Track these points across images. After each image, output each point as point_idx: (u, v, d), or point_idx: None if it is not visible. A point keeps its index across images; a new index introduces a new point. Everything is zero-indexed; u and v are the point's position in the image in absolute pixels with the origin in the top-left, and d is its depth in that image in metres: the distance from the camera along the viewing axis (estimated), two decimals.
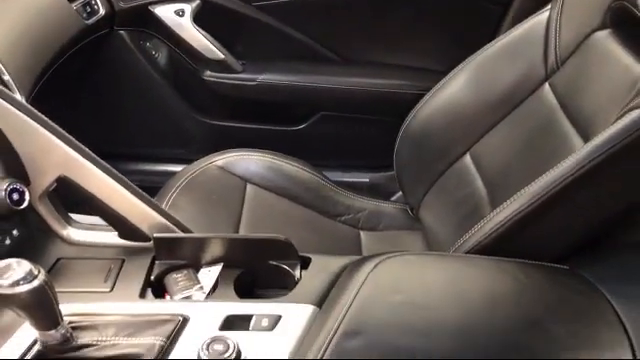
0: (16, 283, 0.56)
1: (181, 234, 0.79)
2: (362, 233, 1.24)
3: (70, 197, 0.79)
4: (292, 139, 1.43)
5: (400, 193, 1.35)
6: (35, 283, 0.57)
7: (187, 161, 1.25)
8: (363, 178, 1.46)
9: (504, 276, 0.73)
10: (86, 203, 0.76)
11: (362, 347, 0.62)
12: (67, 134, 0.74)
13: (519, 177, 0.89)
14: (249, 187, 1.22)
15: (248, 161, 1.23)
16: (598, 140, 0.76)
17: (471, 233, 0.83)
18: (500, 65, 1.10)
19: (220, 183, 1.21)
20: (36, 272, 0.57)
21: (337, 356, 0.61)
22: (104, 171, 0.75)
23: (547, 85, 1.03)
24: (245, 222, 1.14)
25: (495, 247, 0.81)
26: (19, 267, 0.57)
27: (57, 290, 0.59)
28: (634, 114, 0.75)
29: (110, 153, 0.78)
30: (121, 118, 1.43)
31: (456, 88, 1.16)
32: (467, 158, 1.14)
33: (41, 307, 0.58)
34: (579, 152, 0.76)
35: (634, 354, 0.64)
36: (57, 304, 0.59)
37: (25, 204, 0.71)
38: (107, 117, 1.40)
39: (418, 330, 0.65)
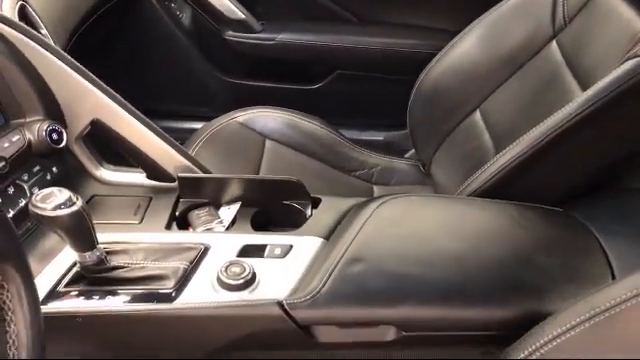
0: (58, 207, 0.64)
1: (203, 174, 0.86)
2: (375, 187, 1.29)
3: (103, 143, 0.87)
4: (309, 97, 1.48)
5: (413, 151, 1.39)
6: (74, 208, 0.64)
7: (209, 119, 1.31)
8: (378, 136, 1.51)
9: (501, 215, 0.79)
10: (117, 145, 0.84)
11: (363, 272, 0.69)
12: (101, 82, 0.81)
13: (524, 129, 0.93)
14: (268, 142, 1.28)
15: (267, 118, 1.29)
16: (596, 87, 0.80)
17: (473, 178, 0.89)
18: (510, 24, 1.14)
19: (240, 138, 1.27)
20: (75, 199, 0.65)
21: (340, 280, 0.68)
22: (134, 116, 0.82)
23: (554, 43, 1.06)
24: (263, 174, 1.21)
25: (496, 191, 0.86)
26: (60, 194, 0.65)
27: None
28: (631, 63, 0.79)
29: (136, 110, 0.85)
30: (147, 76, 1.49)
31: (467, 47, 1.19)
32: (477, 114, 1.18)
33: (79, 230, 0.66)
34: (577, 99, 0.81)
35: None
36: (93, 228, 0.67)
37: (63, 143, 0.78)
38: (133, 75, 1.46)
39: (416, 259, 0.71)
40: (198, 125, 1.34)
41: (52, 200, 0.64)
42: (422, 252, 0.72)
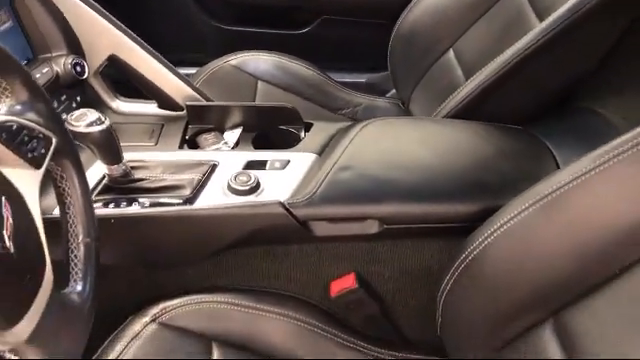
0: (90, 125, 0.75)
1: (209, 102, 0.97)
2: None
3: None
4: (297, 42, 1.58)
5: (394, 91, 1.51)
6: (103, 126, 0.75)
7: (201, 64, 1.40)
8: (361, 78, 1.62)
9: (467, 131, 0.92)
10: (131, 78, 0.94)
11: (351, 177, 0.82)
12: (116, 20, 0.91)
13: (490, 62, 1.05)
14: (260, 84, 1.38)
15: (258, 61, 1.39)
16: (551, 18, 0.92)
17: (445, 104, 1.01)
18: None
19: (234, 80, 1.37)
20: (104, 119, 0.76)
21: (332, 184, 0.80)
22: (147, 52, 0.93)
23: None
24: None
25: (464, 114, 0.99)
26: (91, 114, 0.76)
27: None
28: None
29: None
30: (140, 24, 1.55)
31: None
32: (450, 53, 1.30)
33: (108, 145, 0.77)
34: (535, 29, 0.93)
35: None
36: (119, 144, 0.78)
37: (86, 75, 0.89)
38: (127, 23, 1.55)
39: (395, 166, 0.84)
40: (192, 71, 1.43)
41: (85, 119, 0.75)
42: (400, 160, 0.84)
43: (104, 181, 0.82)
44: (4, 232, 0.47)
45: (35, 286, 0.51)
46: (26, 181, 0.53)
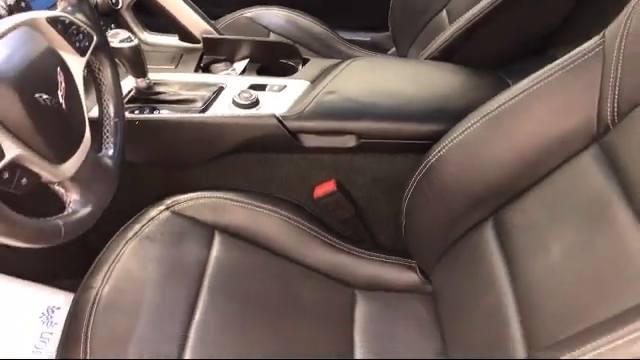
0: (122, 41, 0.91)
1: (222, 36, 1.13)
2: None
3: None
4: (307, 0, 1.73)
5: (394, 49, 1.66)
6: (133, 43, 0.92)
7: (217, 17, 1.55)
8: (365, 37, 1.76)
9: (440, 69, 1.07)
10: (158, 13, 1.10)
11: (336, 99, 0.97)
12: None
13: None
14: (272, 35, 1.54)
15: (271, 15, 1.54)
16: None
17: (427, 49, 1.16)
18: None
19: (249, 30, 1.52)
20: (133, 38, 0.93)
21: (319, 103, 0.96)
22: None
23: None
24: None
25: (443, 57, 1.13)
26: (123, 33, 0.93)
27: None
28: None
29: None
30: None
31: None
32: (443, 13, 1.43)
33: (136, 59, 0.94)
34: None
35: None
36: (145, 61, 0.95)
37: (120, 5, 1.05)
38: None
39: (374, 92, 0.99)
40: None
41: (118, 36, 0.92)
42: (378, 88, 1.00)
43: (132, 93, 0.99)
44: (59, 92, 0.64)
45: (78, 140, 0.68)
46: (74, 63, 0.70)
